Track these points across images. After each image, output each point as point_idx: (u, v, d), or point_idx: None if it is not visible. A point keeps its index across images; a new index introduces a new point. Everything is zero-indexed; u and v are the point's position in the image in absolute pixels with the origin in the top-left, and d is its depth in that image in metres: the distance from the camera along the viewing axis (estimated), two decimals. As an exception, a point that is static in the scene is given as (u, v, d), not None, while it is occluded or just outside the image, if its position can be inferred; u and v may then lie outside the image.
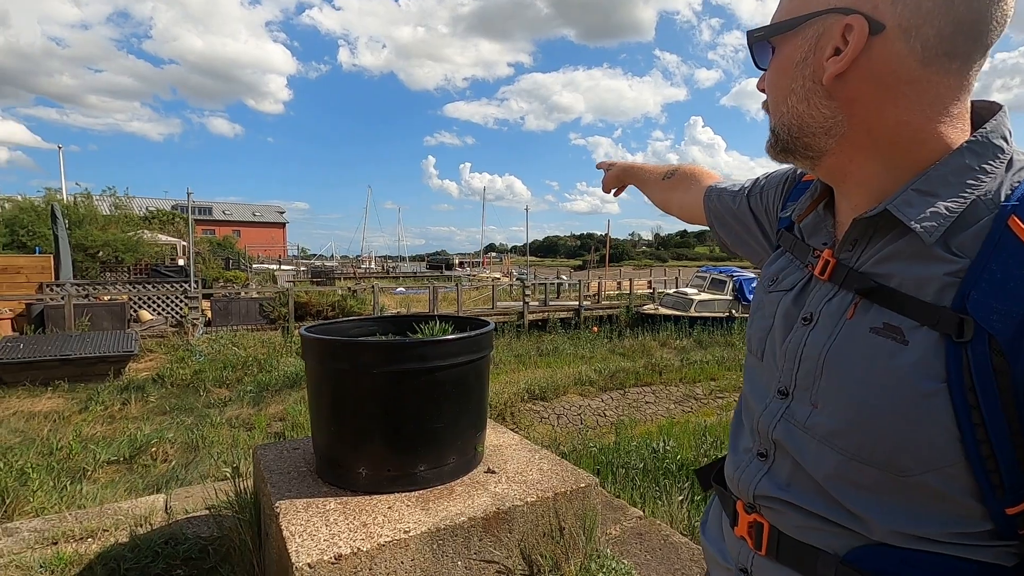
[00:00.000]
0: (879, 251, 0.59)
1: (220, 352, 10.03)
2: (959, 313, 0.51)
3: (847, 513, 0.59)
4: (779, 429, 0.65)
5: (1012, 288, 0.49)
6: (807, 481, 0.62)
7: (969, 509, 0.53)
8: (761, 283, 0.77)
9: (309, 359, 2.06)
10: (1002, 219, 0.52)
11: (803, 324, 0.64)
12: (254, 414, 6.74)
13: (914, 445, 0.53)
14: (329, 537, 1.63)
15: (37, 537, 2.63)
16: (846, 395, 0.57)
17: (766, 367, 0.69)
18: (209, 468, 4.74)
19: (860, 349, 0.57)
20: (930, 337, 0.52)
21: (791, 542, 0.63)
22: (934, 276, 0.54)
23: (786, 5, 0.61)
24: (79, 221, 17.00)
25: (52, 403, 7.29)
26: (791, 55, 0.60)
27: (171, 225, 25.70)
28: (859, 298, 0.59)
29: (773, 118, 0.65)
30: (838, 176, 0.63)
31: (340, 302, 14.43)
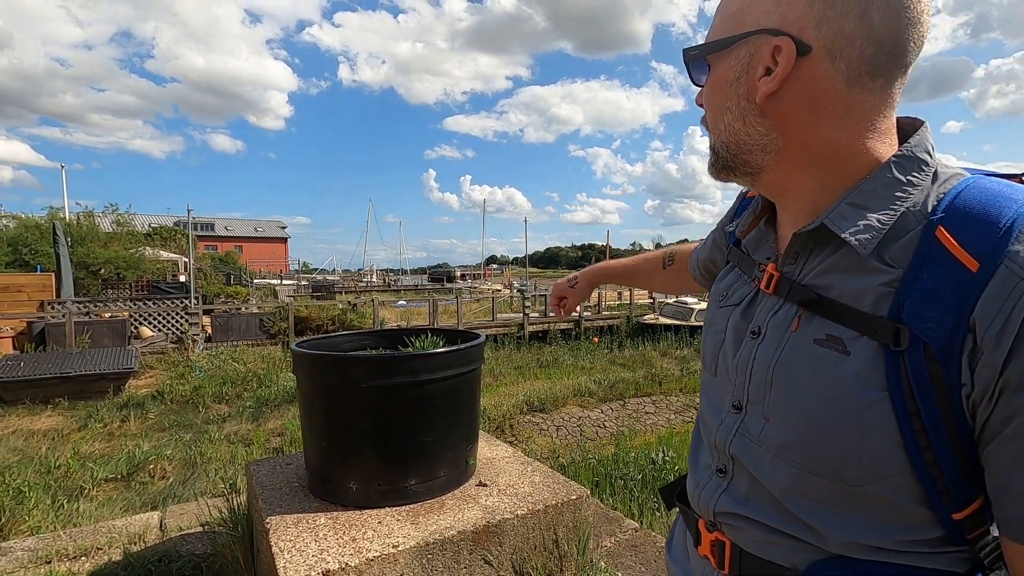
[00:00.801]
0: (819, 264, 0.61)
1: (220, 368, 10.03)
2: (895, 322, 0.52)
3: (804, 526, 0.59)
4: (735, 444, 0.65)
5: (942, 297, 0.51)
6: (764, 495, 0.62)
7: (918, 517, 0.54)
8: (712, 299, 0.78)
9: (300, 374, 2.07)
10: (930, 230, 0.53)
11: (752, 338, 0.65)
12: (253, 430, 6.72)
13: (861, 455, 0.54)
14: (318, 552, 1.62)
15: (30, 556, 2.63)
16: (794, 407, 0.58)
17: (720, 382, 0.70)
18: (206, 484, 4.72)
19: (805, 361, 0.58)
20: (870, 347, 0.54)
21: (753, 560, 0.63)
22: (870, 287, 0.55)
23: (719, 25, 0.62)
24: (81, 239, 17.10)
25: (51, 421, 7.28)
26: (725, 74, 0.61)
27: (173, 241, 25.82)
28: (802, 310, 0.60)
29: (712, 136, 0.66)
30: (777, 191, 0.65)
31: (340, 316, 14.45)
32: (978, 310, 0.49)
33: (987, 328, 0.48)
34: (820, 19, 0.54)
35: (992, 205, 0.52)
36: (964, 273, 0.50)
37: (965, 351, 0.50)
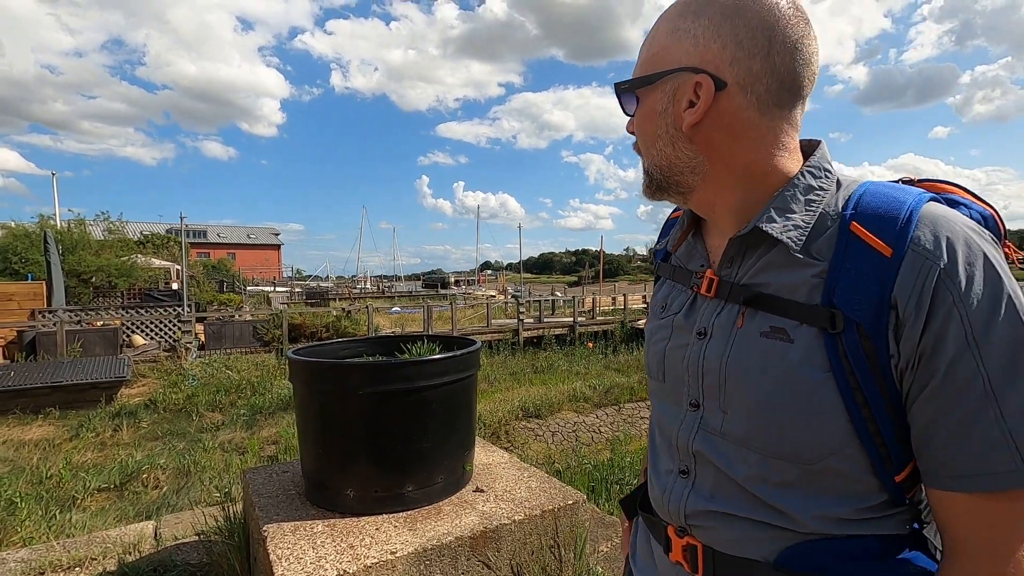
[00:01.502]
0: (754, 264, 0.67)
1: (213, 376, 9.97)
2: (829, 308, 0.59)
3: (771, 510, 0.64)
4: (698, 440, 0.70)
5: (866, 281, 0.58)
6: (730, 486, 0.66)
7: (868, 484, 0.61)
8: (652, 313, 0.83)
9: (296, 381, 2.08)
10: (845, 225, 0.62)
11: (698, 339, 0.71)
12: (247, 438, 6.68)
13: (814, 432, 0.60)
14: (316, 560, 1.63)
15: (24, 568, 2.60)
16: (750, 397, 0.63)
17: (671, 387, 0.75)
18: (201, 493, 4.68)
19: (754, 353, 0.64)
20: (810, 332, 0.60)
21: (726, 559, 0.67)
22: (803, 279, 0.62)
23: (645, 60, 0.69)
24: (72, 247, 16.99)
25: (43, 431, 7.21)
26: (654, 105, 0.69)
27: (165, 249, 25.67)
28: (745, 308, 0.66)
29: (646, 160, 0.73)
30: (707, 207, 0.72)
31: (334, 323, 14.40)
32: (896, 289, 0.56)
33: (906, 304, 0.56)
34: (732, 59, 0.62)
35: (892, 201, 0.61)
36: (881, 259, 0.58)
37: (890, 326, 0.57)
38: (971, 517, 0.56)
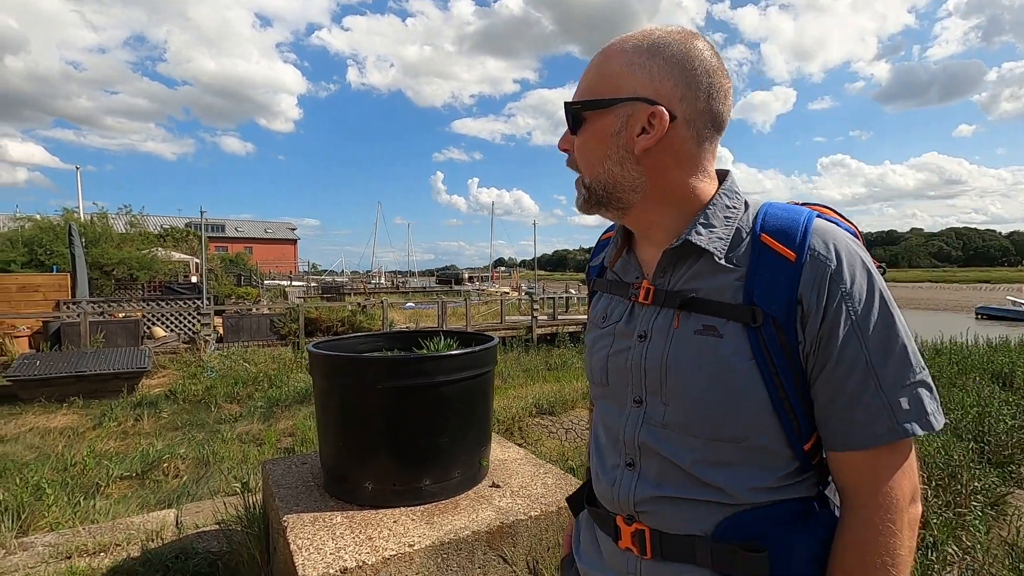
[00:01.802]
0: (685, 273, 0.77)
1: (231, 368, 10.11)
2: (750, 306, 0.70)
3: (710, 488, 0.72)
4: (643, 433, 0.77)
5: (777, 281, 0.70)
6: (674, 472, 0.75)
7: (786, 455, 0.72)
8: (592, 324, 0.91)
9: (316, 375, 2.10)
10: (757, 237, 0.73)
11: (640, 341, 0.79)
12: (264, 429, 6.77)
13: (744, 414, 0.70)
14: (335, 551, 1.65)
15: (51, 551, 2.68)
16: (690, 389, 0.72)
17: (614, 388, 0.82)
18: (219, 483, 4.76)
19: (690, 349, 0.73)
20: (736, 328, 0.71)
21: (671, 538, 0.74)
22: (727, 283, 0.73)
23: (594, 86, 0.77)
24: (95, 239, 17.31)
25: (67, 419, 7.38)
26: (606, 128, 0.76)
27: (185, 242, 26.08)
28: (679, 311, 0.75)
29: (588, 176, 0.79)
30: (643, 223, 0.81)
31: (350, 318, 14.51)
32: (801, 287, 0.69)
33: (808, 299, 0.68)
34: (682, 97, 0.73)
35: (791, 217, 0.74)
36: (787, 263, 0.70)
37: (798, 319, 0.69)
38: (863, 471, 0.69)
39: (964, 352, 8.01)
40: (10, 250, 16.51)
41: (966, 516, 2.96)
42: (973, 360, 7.30)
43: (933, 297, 58.12)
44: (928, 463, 3.44)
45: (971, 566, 2.53)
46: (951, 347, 8.66)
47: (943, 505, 3.06)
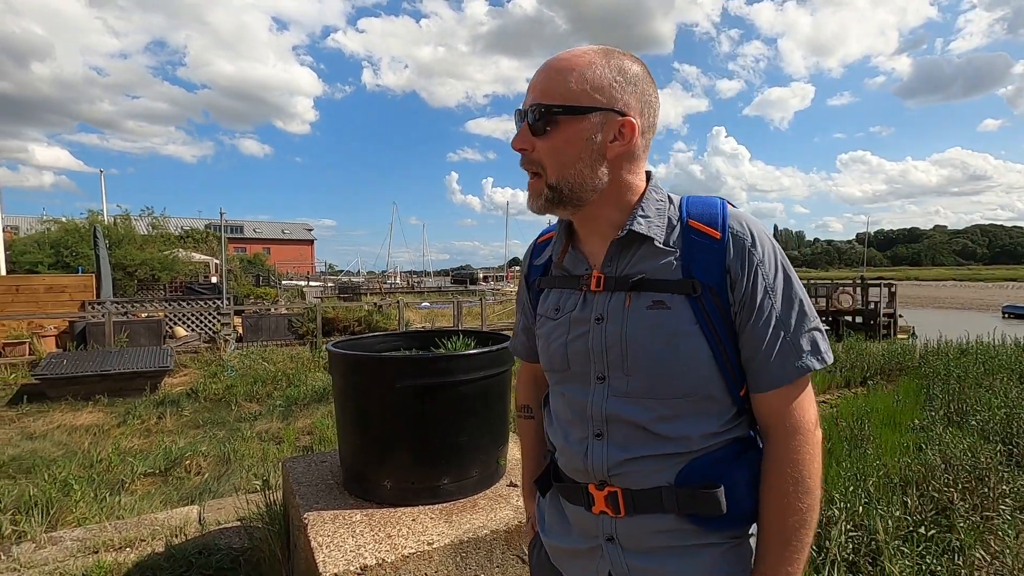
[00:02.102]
0: (629, 259, 0.88)
1: (251, 367, 10.24)
2: (690, 279, 0.83)
3: (670, 442, 0.84)
4: (609, 403, 0.87)
5: (709, 256, 0.84)
6: (638, 434, 0.85)
7: (727, 402, 0.86)
8: (544, 317, 0.98)
9: (336, 374, 2.12)
10: (685, 223, 0.87)
11: (597, 324, 0.88)
12: (283, 428, 6.85)
13: (693, 372, 0.83)
14: (355, 548, 1.67)
15: (79, 546, 2.74)
16: (649, 357, 0.83)
17: (576, 371, 0.91)
18: (240, 480, 4.82)
19: (644, 323, 0.84)
20: (680, 299, 0.83)
21: (641, 494, 0.84)
22: (668, 263, 0.85)
23: (565, 92, 0.83)
24: (119, 241, 17.67)
25: (93, 417, 7.54)
26: (580, 133, 0.84)
27: (204, 243, 26.50)
28: (630, 292, 0.86)
29: (553, 177, 0.86)
30: (591, 218, 0.91)
31: (366, 317, 14.62)
32: (728, 259, 0.83)
33: (735, 268, 0.83)
34: (641, 111, 0.86)
35: (709, 205, 0.89)
36: (715, 241, 0.85)
37: (728, 285, 0.83)
38: (781, 405, 0.84)
39: (991, 352, 7.83)
40: (37, 252, 16.95)
41: (994, 520, 2.89)
42: (1000, 360, 7.13)
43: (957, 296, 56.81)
44: (954, 466, 3.36)
45: (1000, 572, 2.47)
46: (977, 347, 8.47)
47: (970, 509, 2.99)
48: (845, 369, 8.48)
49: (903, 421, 5.04)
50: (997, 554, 2.58)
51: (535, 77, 0.87)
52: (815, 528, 0.84)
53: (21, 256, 16.55)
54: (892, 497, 3.03)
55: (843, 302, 20.44)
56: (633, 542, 0.86)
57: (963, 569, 2.49)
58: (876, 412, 5.36)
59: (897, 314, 20.12)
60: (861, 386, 7.96)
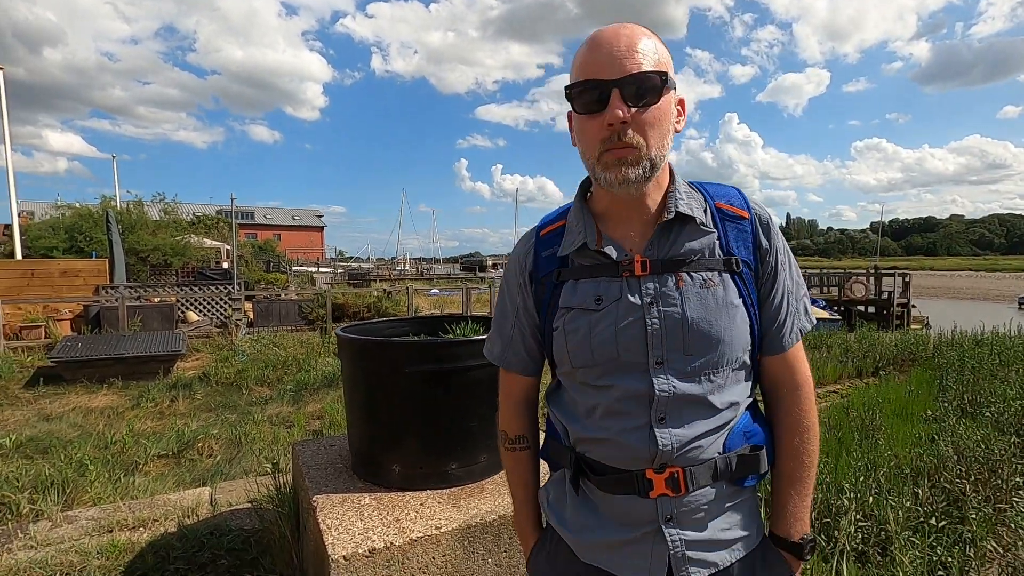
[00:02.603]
0: (673, 240, 0.90)
1: (261, 352, 10.34)
2: (729, 256, 0.90)
3: (724, 411, 0.88)
4: (674, 385, 0.86)
5: (742, 235, 0.92)
6: (699, 409, 0.87)
7: (749, 368, 0.93)
8: (578, 310, 0.91)
9: (345, 359, 2.12)
10: (713, 204, 0.93)
11: (650, 308, 0.87)
12: (293, 412, 6.92)
13: (740, 340, 0.88)
14: (363, 531, 1.68)
15: (94, 525, 2.79)
16: (708, 335, 0.86)
17: (624, 361, 0.87)
18: (251, 463, 4.89)
19: (702, 302, 0.87)
20: (726, 277, 0.89)
21: (699, 469, 0.86)
22: (709, 242, 0.90)
23: (659, 63, 0.83)
24: (131, 226, 17.82)
25: (107, 399, 7.67)
26: (669, 105, 0.86)
27: (216, 229, 26.65)
28: (680, 273, 0.88)
29: (653, 149, 0.84)
30: (640, 198, 0.90)
31: (376, 303, 14.68)
32: (758, 237, 0.92)
33: (763, 243, 0.92)
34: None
35: (727, 188, 0.96)
36: (744, 220, 0.93)
37: (759, 260, 0.92)
38: (792, 363, 0.95)
39: (1006, 343, 7.72)
40: (52, 237, 17.14)
41: (1007, 512, 2.86)
42: (1016, 352, 7.03)
43: (973, 286, 55.98)
44: (967, 457, 3.33)
45: (1012, 563, 2.44)
46: (992, 338, 8.35)
47: (982, 500, 2.96)
48: (857, 359, 8.40)
49: (915, 412, 4.99)
50: (1009, 546, 2.55)
51: (617, 44, 0.82)
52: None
53: (36, 241, 16.76)
54: (903, 488, 3.00)
55: (856, 292, 20.22)
56: (688, 517, 0.87)
57: (974, 560, 2.47)
58: (888, 402, 5.31)
59: (911, 304, 19.87)
60: (873, 376, 7.89)
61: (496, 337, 1.07)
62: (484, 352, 1.12)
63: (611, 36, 0.83)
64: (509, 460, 1.10)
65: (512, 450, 1.09)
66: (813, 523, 2.75)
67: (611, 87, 0.81)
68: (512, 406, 1.09)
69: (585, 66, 0.84)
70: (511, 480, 1.12)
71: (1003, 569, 2.45)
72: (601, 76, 0.82)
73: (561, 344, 0.93)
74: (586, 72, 0.84)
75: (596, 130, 0.84)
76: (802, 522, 0.95)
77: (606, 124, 0.82)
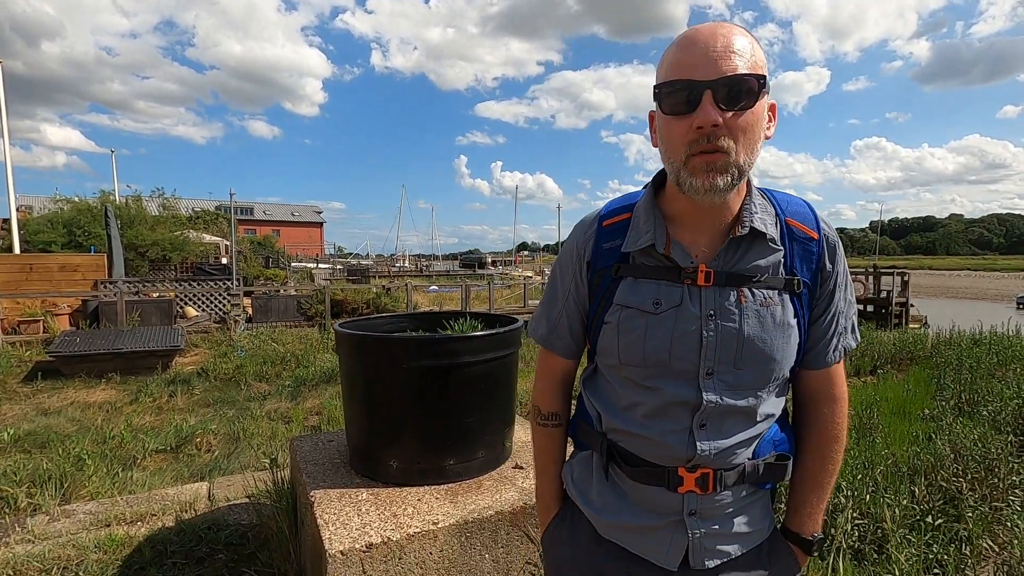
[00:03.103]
0: (741, 255, 0.89)
1: (260, 348, 10.33)
2: (791, 277, 0.90)
3: (761, 422, 0.91)
4: (720, 396, 0.88)
5: (807, 256, 0.91)
6: (738, 419, 0.90)
7: (787, 380, 0.96)
8: (634, 310, 0.91)
9: (343, 354, 2.12)
10: (783, 221, 0.92)
11: (709, 320, 0.87)
12: (292, 408, 6.92)
13: (789, 357, 0.90)
14: (361, 526, 1.68)
15: (92, 519, 2.79)
16: (761, 353, 0.88)
17: (676, 366, 0.88)
18: (249, 459, 4.89)
19: (759, 320, 0.87)
20: (785, 296, 0.89)
21: (729, 472, 0.89)
22: (775, 260, 0.89)
23: (756, 66, 0.80)
24: (130, 221, 17.77)
25: (105, 394, 7.66)
26: (762, 109, 0.82)
27: (215, 225, 26.61)
28: (743, 289, 0.88)
29: (743, 155, 0.81)
30: (719, 206, 0.88)
31: (375, 300, 14.67)
32: (823, 260, 0.92)
33: (827, 266, 0.92)
34: None
35: (797, 203, 0.94)
36: (813, 241, 0.92)
37: (820, 282, 0.92)
38: (831, 378, 0.97)
39: (1004, 343, 7.73)
40: (50, 231, 17.09)
41: (1003, 510, 2.87)
42: (1014, 351, 7.04)
43: (972, 286, 56.03)
44: (964, 456, 3.33)
45: (1007, 561, 2.45)
46: (991, 337, 8.36)
47: (979, 499, 2.96)
48: (855, 357, 8.41)
49: (913, 410, 5.00)
50: (1005, 544, 2.56)
51: (714, 44, 0.78)
52: None
53: (35, 235, 16.71)
54: (900, 486, 3.01)
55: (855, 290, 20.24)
56: (710, 513, 0.91)
57: (970, 559, 2.48)
58: (886, 401, 5.32)
59: (909, 303, 19.90)
60: (871, 375, 7.90)
61: (543, 319, 1.08)
62: (529, 332, 1.14)
63: (707, 35, 0.79)
64: (540, 435, 1.12)
65: (544, 426, 1.11)
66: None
67: (704, 88, 0.77)
68: (549, 385, 1.10)
69: (677, 65, 0.80)
70: (539, 454, 1.14)
71: (999, 567, 2.46)
72: (694, 76, 0.78)
73: (612, 340, 0.92)
74: (677, 72, 0.80)
75: (683, 132, 0.80)
76: (816, 521, 0.99)
77: (695, 127, 0.78)
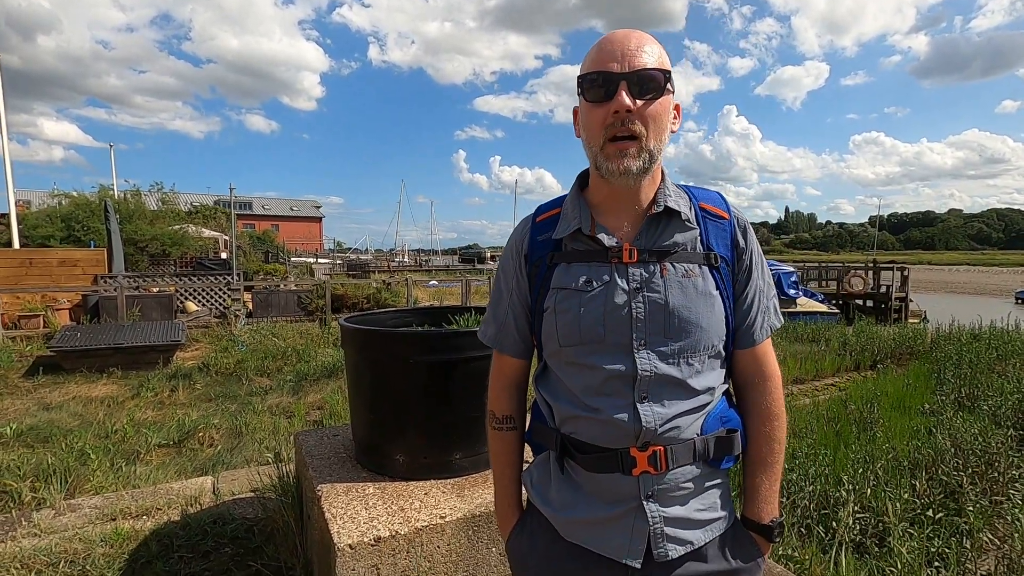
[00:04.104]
0: (659, 232, 0.97)
1: (261, 342, 10.32)
2: (709, 252, 0.98)
3: (701, 394, 0.95)
4: (656, 366, 0.92)
5: (721, 234, 1.00)
6: (678, 390, 0.93)
7: (723, 358, 1.01)
8: (569, 291, 0.97)
9: (348, 349, 2.13)
10: (696, 204, 1.02)
11: (636, 293, 0.94)
12: (294, 402, 6.93)
13: (717, 329, 0.96)
14: (368, 520, 1.69)
15: (97, 513, 2.80)
16: (688, 320, 0.93)
17: (611, 340, 0.94)
18: (252, 453, 4.90)
19: (681, 291, 0.94)
20: (705, 269, 0.97)
21: (679, 449, 0.92)
22: (692, 237, 0.99)
23: (664, 60, 0.93)
24: (129, 216, 17.72)
25: (107, 389, 7.66)
26: (668, 103, 0.94)
27: (214, 219, 26.54)
28: (664, 263, 0.95)
29: (652, 142, 0.92)
30: (635, 191, 0.97)
31: (375, 294, 14.66)
32: (736, 237, 1.01)
33: (740, 243, 1.01)
34: None
35: (708, 191, 1.05)
36: (724, 221, 1.02)
37: (736, 258, 1.01)
38: (760, 356, 1.03)
39: (1004, 338, 7.76)
40: (49, 226, 17.05)
41: (1003, 504, 2.89)
42: (1013, 346, 7.06)
43: (971, 281, 56.07)
44: (964, 450, 3.35)
45: (1008, 554, 2.47)
46: (990, 332, 8.39)
47: (979, 492, 2.98)
48: (855, 352, 8.43)
49: (913, 405, 5.02)
50: (1005, 537, 2.58)
51: (627, 43, 0.91)
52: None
53: (34, 230, 16.66)
54: (901, 480, 3.03)
55: (854, 285, 20.25)
56: (667, 495, 0.94)
57: (970, 552, 2.50)
58: (886, 396, 5.34)
59: (909, 298, 19.92)
60: (871, 370, 7.92)
61: (491, 320, 1.12)
62: (479, 334, 1.16)
63: (622, 36, 0.93)
64: (495, 439, 1.14)
65: (499, 430, 1.13)
66: (811, 514, 2.77)
67: (620, 79, 0.90)
68: (502, 387, 1.13)
69: (597, 60, 0.92)
70: (495, 460, 1.15)
71: (999, 560, 2.48)
72: (611, 69, 0.90)
73: (551, 323, 0.98)
74: (598, 65, 0.92)
75: (601, 118, 0.91)
76: (772, 505, 1.03)
77: (612, 112, 0.90)
